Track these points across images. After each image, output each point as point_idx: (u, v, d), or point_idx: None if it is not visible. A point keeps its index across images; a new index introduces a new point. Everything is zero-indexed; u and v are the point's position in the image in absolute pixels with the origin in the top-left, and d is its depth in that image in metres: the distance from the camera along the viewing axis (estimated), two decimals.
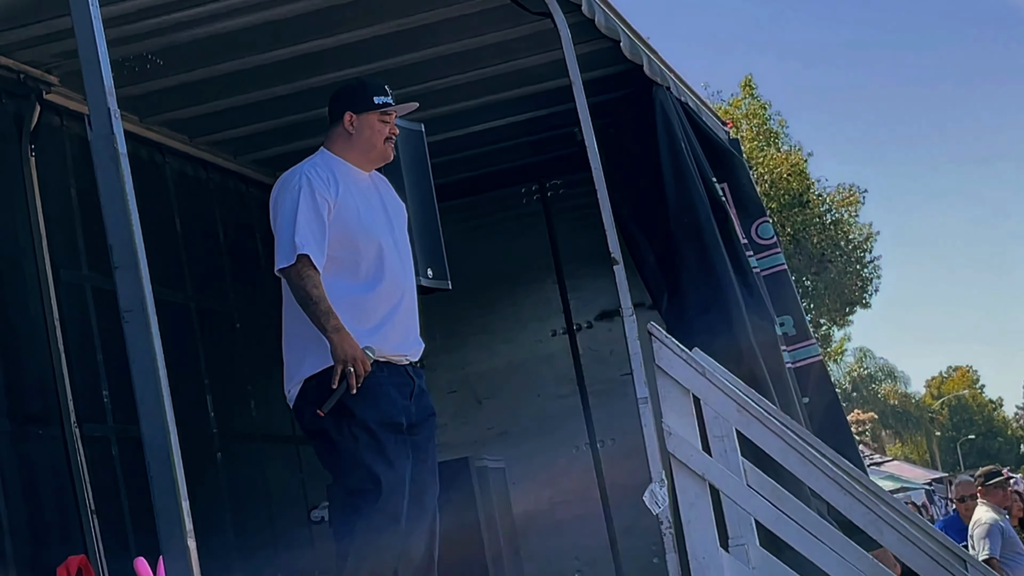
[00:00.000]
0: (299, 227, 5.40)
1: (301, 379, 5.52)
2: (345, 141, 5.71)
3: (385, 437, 5.46)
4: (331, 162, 5.65)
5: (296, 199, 5.45)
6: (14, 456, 7.10)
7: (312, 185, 5.50)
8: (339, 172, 5.62)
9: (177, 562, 3.52)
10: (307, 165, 5.62)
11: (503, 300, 10.66)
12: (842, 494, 6.62)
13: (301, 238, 5.38)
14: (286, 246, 5.40)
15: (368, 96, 5.75)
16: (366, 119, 5.71)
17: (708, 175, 9.09)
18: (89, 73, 3.79)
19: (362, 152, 5.72)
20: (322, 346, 5.44)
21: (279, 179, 5.65)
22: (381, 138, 5.73)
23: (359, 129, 5.70)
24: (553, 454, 10.63)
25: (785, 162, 28.16)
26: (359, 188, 5.64)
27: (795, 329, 9.54)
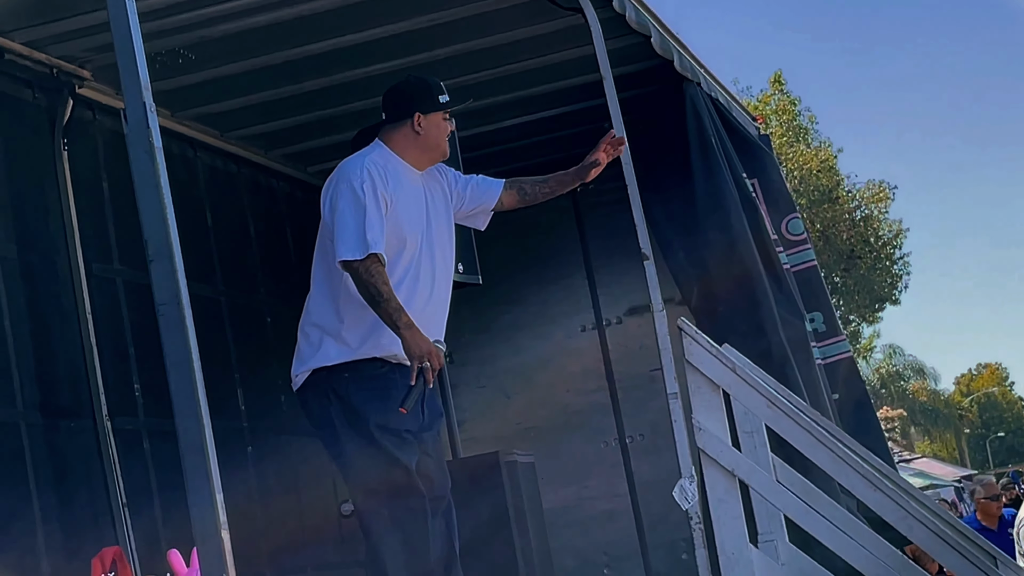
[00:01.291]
0: (369, 223, 5.36)
1: (312, 368, 5.50)
2: (411, 140, 5.67)
3: (390, 441, 5.45)
4: (389, 159, 5.63)
5: (362, 193, 5.42)
6: (46, 449, 7.13)
7: (375, 181, 5.48)
8: (397, 170, 5.60)
9: (211, 554, 3.53)
10: (367, 159, 5.58)
11: (533, 295, 10.66)
12: (872, 490, 6.60)
13: (373, 236, 5.34)
14: (354, 239, 5.35)
15: (435, 96, 5.72)
16: (433, 119, 5.69)
17: (738, 171, 9.09)
18: (125, 67, 3.80)
19: (425, 151, 5.69)
20: (341, 341, 5.44)
21: (339, 168, 5.60)
22: (444, 137, 5.73)
23: (427, 129, 5.67)
24: (582, 450, 10.64)
25: (815, 158, 28.09)
26: (412, 188, 5.62)
27: (825, 325, 9.53)
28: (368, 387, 5.42)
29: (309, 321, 5.57)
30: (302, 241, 9.43)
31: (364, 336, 5.44)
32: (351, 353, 5.42)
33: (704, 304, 8.81)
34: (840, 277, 28.06)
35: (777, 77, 29.84)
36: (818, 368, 9.04)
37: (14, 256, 7.21)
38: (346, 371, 5.42)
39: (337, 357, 5.44)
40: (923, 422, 67.19)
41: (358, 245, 5.33)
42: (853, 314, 29.43)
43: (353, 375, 5.39)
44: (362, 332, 5.44)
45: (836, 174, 28.58)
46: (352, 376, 5.39)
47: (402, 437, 5.45)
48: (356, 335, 5.45)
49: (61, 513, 7.09)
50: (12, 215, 7.28)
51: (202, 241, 8.76)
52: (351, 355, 5.42)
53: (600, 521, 10.44)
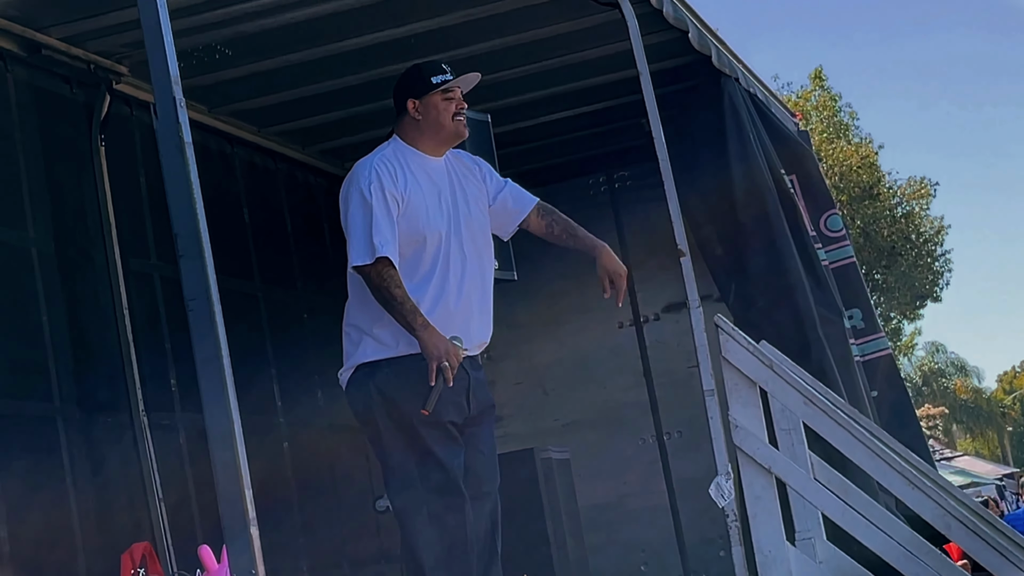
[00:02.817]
0: (376, 226, 5.34)
1: (354, 365, 5.50)
2: (414, 128, 5.64)
3: (433, 436, 5.42)
4: (402, 152, 5.59)
5: (368, 196, 5.40)
6: (83, 443, 7.16)
7: (382, 181, 5.44)
8: (410, 163, 5.56)
9: (240, 550, 3.52)
10: (377, 158, 5.56)
11: (570, 292, 10.62)
12: (911, 488, 6.56)
13: (380, 239, 5.32)
14: (363, 245, 5.34)
15: (425, 78, 5.65)
16: (429, 101, 5.62)
17: (776, 167, 9.04)
18: (155, 62, 3.79)
19: (433, 134, 5.64)
20: (378, 340, 5.42)
21: (351, 172, 5.61)
22: (448, 116, 5.62)
23: (424, 113, 5.61)
24: (619, 446, 10.62)
25: (855, 154, 27.96)
26: (429, 179, 5.58)
27: (864, 322, 9.48)
28: (409, 380, 5.40)
29: (348, 322, 5.56)
30: (339, 237, 9.41)
31: (398, 334, 5.42)
32: (390, 350, 5.40)
33: (741, 301, 8.78)
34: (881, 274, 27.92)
35: (818, 73, 29.71)
36: (856, 365, 9.00)
37: (52, 251, 7.24)
38: (387, 367, 5.40)
39: (376, 354, 5.42)
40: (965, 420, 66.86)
41: (366, 250, 5.32)
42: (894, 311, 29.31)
43: (394, 369, 5.37)
44: (396, 330, 5.42)
45: (877, 170, 28.45)
46: (393, 371, 5.38)
47: (446, 430, 5.42)
48: (390, 334, 5.43)
49: (97, 507, 7.12)
50: (50, 210, 7.31)
51: (239, 237, 8.77)
52: (390, 352, 5.40)
53: (637, 518, 10.42)
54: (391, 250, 5.32)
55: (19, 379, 6.89)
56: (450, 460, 5.41)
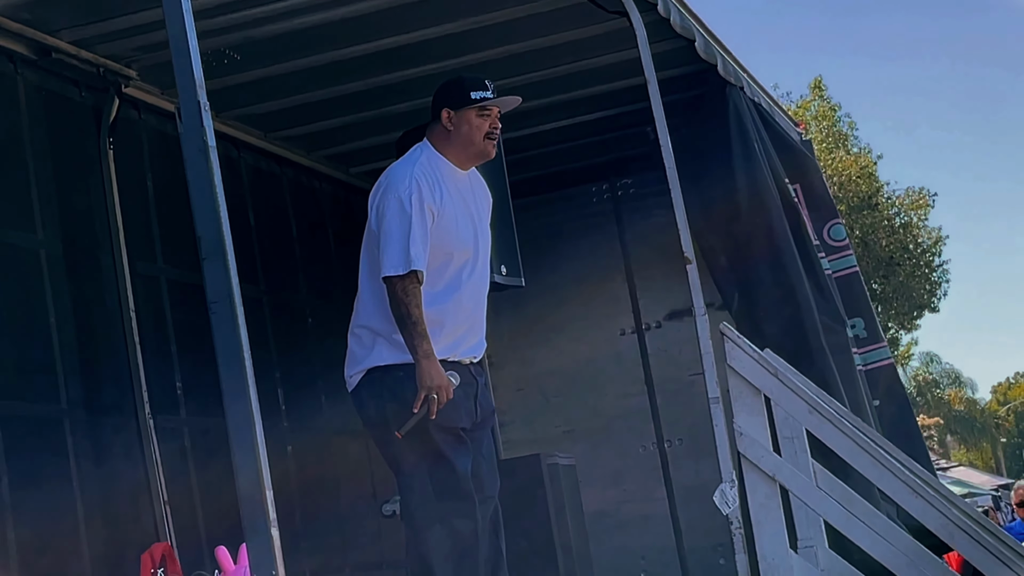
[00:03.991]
0: (413, 239, 5.35)
1: (366, 368, 5.50)
2: (444, 138, 5.63)
3: (446, 441, 5.45)
4: (435, 161, 5.59)
5: (408, 206, 5.39)
6: (88, 445, 7.18)
7: (422, 192, 5.44)
8: (444, 175, 5.57)
9: (260, 550, 3.54)
10: (416, 168, 5.53)
11: (572, 299, 10.65)
12: (914, 497, 6.59)
13: (416, 252, 5.33)
14: (398, 256, 5.33)
15: (465, 91, 5.64)
16: (464, 115, 5.60)
17: (781, 176, 9.07)
18: (180, 66, 3.82)
19: (461, 149, 5.63)
20: (393, 343, 5.44)
21: (387, 174, 5.58)
22: (480, 135, 5.61)
23: (457, 125, 5.60)
24: (620, 453, 10.64)
25: (854, 164, 28.00)
26: (458, 192, 5.59)
27: (866, 331, 9.50)
28: None
29: (359, 323, 5.56)
30: (344, 242, 9.48)
31: None
32: (404, 355, 5.42)
33: (745, 309, 8.80)
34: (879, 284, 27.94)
35: (817, 83, 29.78)
36: (859, 374, 9.02)
37: (59, 253, 7.26)
38: (400, 370, 5.42)
39: (391, 358, 5.44)
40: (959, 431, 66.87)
41: (401, 261, 5.32)
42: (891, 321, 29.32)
43: (407, 374, 5.38)
44: None
45: (876, 181, 28.48)
46: (406, 375, 5.38)
47: (458, 435, 5.46)
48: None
49: (103, 509, 7.13)
50: (58, 213, 7.33)
51: (244, 241, 8.79)
52: (404, 356, 5.41)
53: (638, 525, 10.43)
54: (423, 264, 5.34)
55: (26, 380, 6.91)
56: (462, 465, 5.44)
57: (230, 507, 3.87)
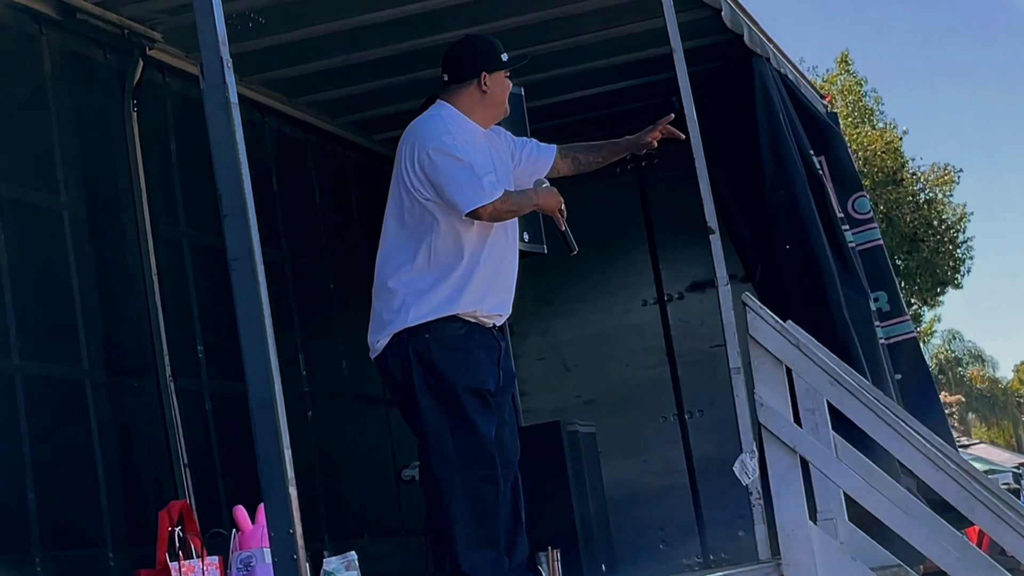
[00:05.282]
0: (482, 169, 5.43)
1: (393, 331, 5.50)
2: (476, 100, 5.70)
3: (471, 403, 5.46)
4: (460, 120, 5.65)
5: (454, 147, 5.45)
6: (109, 407, 7.20)
7: (459, 136, 5.53)
8: (468, 130, 5.63)
9: (278, 509, 3.54)
10: (444, 119, 5.60)
11: (594, 269, 10.62)
12: (935, 471, 6.57)
13: (490, 180, 5.42)
14: (474, 190, 5.38)
15: (497, 54, 5.76)
16: (497, 77, 5.73)
17: (806, 148, 9.04)
18: (203, 22, 3.81)
19: (490, 109, 5.74)
20: (421, 302, 5.45)
21: (415, 131, 5.60)
22: (506, 95, 5.77)
23: (492, 88, 5.71)
24: (640, 424, 10.64)
25: (879, 139, 27.85)
26: (480, 149, 5.64)
27: (889, 305, 9.47)
28: (449, 348, 5.44)
29: (385, 285, 5.55)
30: (367, 209, 9.47)
31: (445, 294, 5.47)
32: (430, 313, 5.44)
33: (767, 280, 8.79)
34: (902, 260, 27.81)
35: (844, 57, 29.59)
36: (881, 348, 9.00)
37: (83, 215, 7.27)
38: (426, 332, 5.44)
39: (416, 318, 5.45)
40: (980, 409, 66.75)
41: (478, 194, 5.38)
42: (914, 297, 29.20)
43: (434, 335, 5.42)
44: (443, 290, 5.47)
45: (901, 156, 28.31)
46: (433, 336, 5.42)
47: (484, 399, 5.47)
48: (437, 294, 5.46)
49: (123, 470, 7.16)
50: (82, 174, 7.34)
51: (267, 206, 8.78)
52: (430, 315, 5.43)
53: (657, 496, 10.44)
54: (500, 185, 5.42)
55: (48, 342, 6.91)
56: (486, 429, 5.45)
57: (249, 469, 3.87)
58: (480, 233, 5.52)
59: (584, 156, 6.20)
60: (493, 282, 5.57)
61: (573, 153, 6.16)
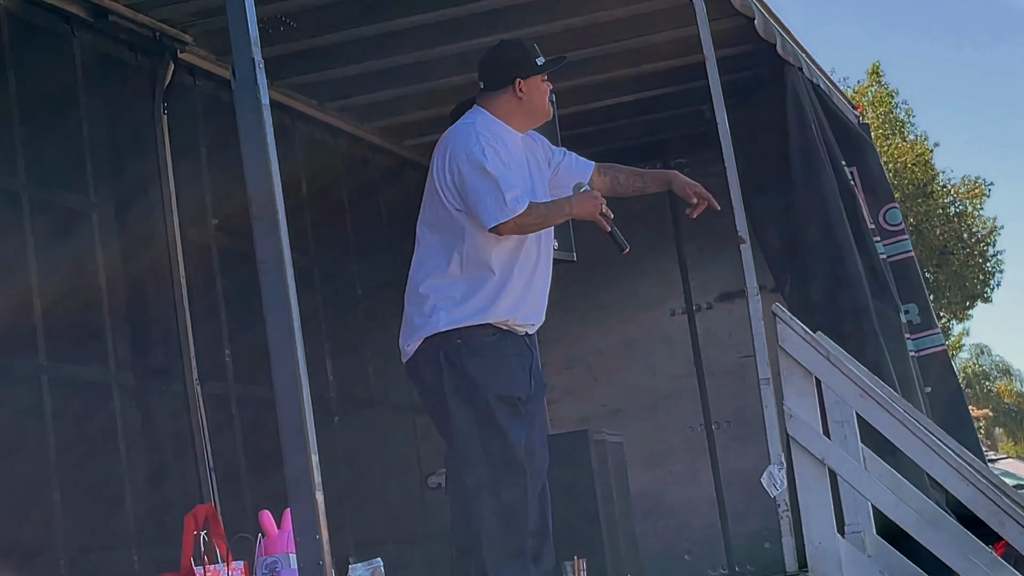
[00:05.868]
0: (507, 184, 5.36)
1: (424, 336, 5.47)
2: (513, 106, 5.64)
3: (502, 410, 5.43)
4: (494, 125, 5.60)
5: (484, 157, 5.39)
6: (136, 409, 7.20)
7: (493, 146, 5.47)
8: (504, 137, 5.58)
9: (305, 515, 3.52)
10: (477, 128, 5.54)
11: (622, 278, 10.60)
12: (965, 485, 6.51)
13: (513, 196, 5.34)
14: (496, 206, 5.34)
15: (531, 59, 5.68)
16: (532, 82, 5.65)
17: (837, 158, 8.99)
18: (235, 24, 3.79)
19: (528, 115, 5.67)
20: (453, 308, 5.41)
21: (448, 139, 5.57)
22: (545, 99, 5.71)
23: (528, 93, 5.64)
24: (667, 434, 10.61)
25: (910, 151, 27.78)
26: (518, 157, 5.61)
27: (920, 317, 9.42)
28: (481, 354, 5.40)
29: (417, 290, 5.52)
30: (396, 214, 9.46)
31: (478, 303, 5.43)
32: (462, 319, 5.40)
33: (797, 291, 8.73)
34: (932, 273, 27.71)
35: (875, 68, 29.52)
36: (911, 360, 8.94)
37: (111, 217, 7.27)
38: (458, 337, 5.40)
39: (448, 324, 5.41)
40: (1008, 423, 66.49)
41: (500, 209, 5.33)
42: (943, 311, 29.08)
43: (465, 341, 5.38)
44: (476, 299, 5.43)
45: (931, 169, 28.24)
46: (464, 342, 5.38)
47: (515, 406, 5.43)
48: (469, 302, 5.43)
49: (148, 473, 7.15)
50: (111, 176, 7.34)
51: (296, 210, 8.75)
52: (462, 321, 5.40)
53: (683, 506, 10.41)
54: (524, 200, 5.36)
55: (75, 344, 6.91)
56: (517, 436, 5.41)
57: (275, 474, 3.85)
58: (513, 243, 5.48)
59: (625, 178, 6.11)
60: (526, 292, 5.53)
61: (613, 172, 6.08)
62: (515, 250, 5.48)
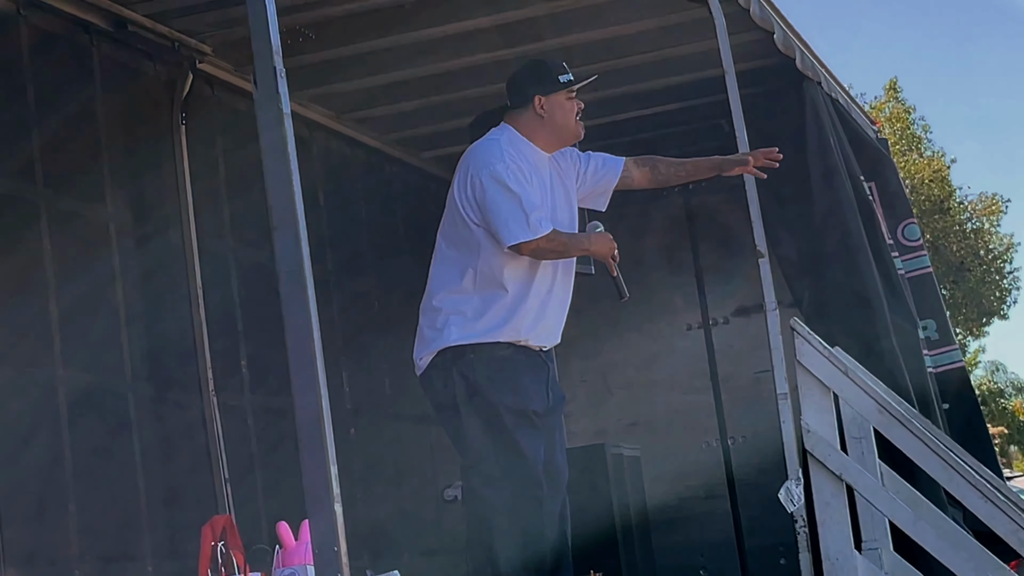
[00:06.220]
0: (531, 205, 5.34)
1: (436, 349, 5.46)
2: (536, 124, 5.61)
3: (516, 423, 5.41)
4: (519, 144, 5.56)
5: (508, 176, 5.37)
6: (152, 420, 7.19)
7: (518, 163, 5.44)
8: (527, 155, 5.55)
9: (324, 526, 3.50)
10: (502, 145, 5.51)
11: (639, 292, 10.52)
12: (983, 502, 6.48)
13: (537, 218, 5.34)
14: (520, 226, 5.32)
15: (554, 76, 5.64)
16: (555, 99, 5.61)
17: (856, 173, 8.97)
18: (257, 31, 3.78)
19: (553, 134, 5.63)
20: (466, 323, 5.40)
21: (474, 154, 5.54)
22: (572, 117, 5.65)
23: (550, 111, 5.61)
24: (683, 448, 10.57)
25: (927, 168, 27.81)
26: (541, 175, 5.58)
27: (938, 334, 9.39)
28: (494, 368, 5.39)
29: (431, 304, 5.52)
30: (413, 226, 9.45)
31: (490, 321, 5.42)
32: (474, 336, 5.39)
33: (815, 306, 8.71)
34: (948, 289, 27.70)
35: (892, 84, 29.56)
36: (929, 377, 8.91)
37: (129, 227, 7.27)
38: (471, 352, 5.38)
39: (461, 338, 5.40)
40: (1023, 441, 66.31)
41: (523, 229, 5.31)
42: (960, 327, 29.06)
43: (478, 356, 5.37)
44: (488, 316, 5.42)
45: (948, 185, 28.27)
46: (477, 357, 5.37)
47: (530, 420, 5.41)
48: (482, 319, 5.42)
49: (164, 483, 7.13)
50: (129, 186, 7.33)
51: (314, 222, 8.72)
52: (474, 338, 5.38)
53: (699, 521, 10.36)
54: (548, 224, 5.34)
55: (92, 353, 6.90)
56: (533, 450, 5.39)
57: (291, 485, 3.83)
58: (527, 262, 5.46)
59: (665, 168, 6.11)
60: (541, 313, 5.51)
61: (653, 163, 6.07)
62: (530, 270, 5.46)
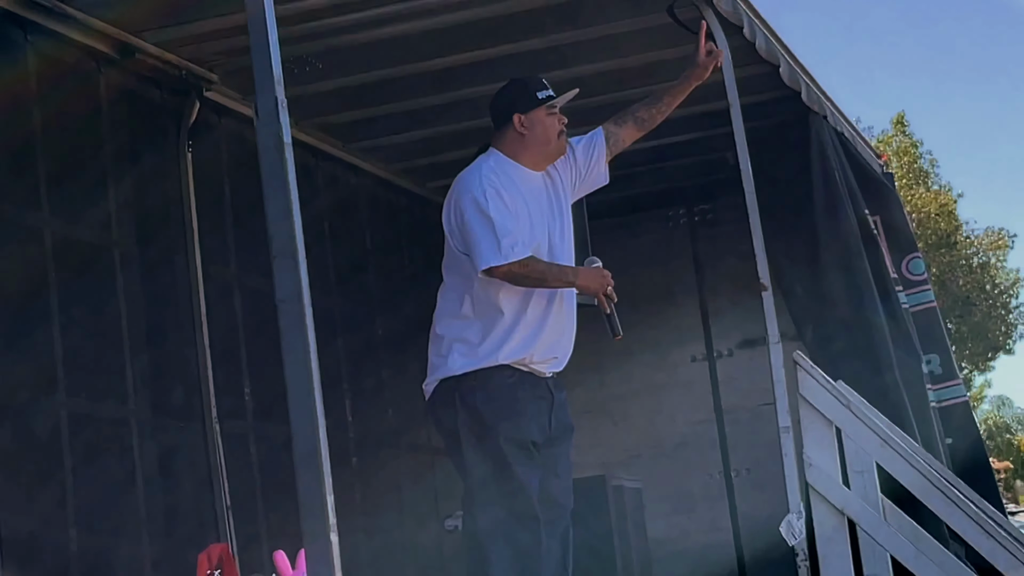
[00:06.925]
0: (503, 229, 5.29)
1: (439, 377, 5.46)
2: (518, 143, 5.60)
3: (513, 453, 5.40)
4: (504, 166, 5.56)
5: (485, 200, 5.34)
6: (154, 447, 7.18)
7: (497, 190, 5.41)
8: (513, 178, 5.54)
9: (320, 556, 3.49)
10: (484, 171, 5.50)
11: (644, 323, 10.54)
12: (985, 537, 6.48)
13: (509, 241, 5.28)
14: (490, 249, 5.30)
15: (531, 92, 5.63)
16: (535, 116, 5.59)
17: (861, 207, 8.97)
18: (259, 62, 3.78)
19: (537, 150, 5.61)
20: (468, 350, 5.40)
21: (457, 181, 5.55)
22: (554, 132, 5.62)
23: (531, 128, 5.58)
24: (686, 481, 10.56)
25: (934, 202, 27.83)
26: (532, 193, 5.57)
27: (941, 368, 9.40)
28: (495, 397, 5.37)
29: (436, 332, 5.52)
30: (418, 255, 9.46)
31: (489, 345, 5.40)
32: (477, 362, 5.38)
33: (819, 340, 8.71)
34: (954, 324, 27.69)
35: (900, 118, 29.60)
36: (932, 411, 8.90)
37: (133, 253, 7.28)
38: (473, 380, 5.37)
39: (463, 367, 5.39)
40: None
41: (493, 253, 5.28)
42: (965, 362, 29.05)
43: (480, 384, 5.35)
44: (488, 341, 5.40)
45: (955, 219, 28.29)
46: (479, 385, 5.35)
47: (528, 450, 5.40)
48: (484, 343, 5.41)
49: (165, 511, 7.13)
50: (134, 212, 7.34)
51: (318, 250, 8.77)
52: (477, 364, 5.37)
53: (701, 554, 10.34)
54: (522, 250, 5.30)
55: (95, 379, 6.91)
56: (528, 480, 5.38)
57: (292, 514, 3.82)
58: (523, 289, 5.45)
59: (645, 112, 6.10)
60: (540, 329, 5.49)
61: (631, 114, 6.05)
62: (525, 290, 5.45)
